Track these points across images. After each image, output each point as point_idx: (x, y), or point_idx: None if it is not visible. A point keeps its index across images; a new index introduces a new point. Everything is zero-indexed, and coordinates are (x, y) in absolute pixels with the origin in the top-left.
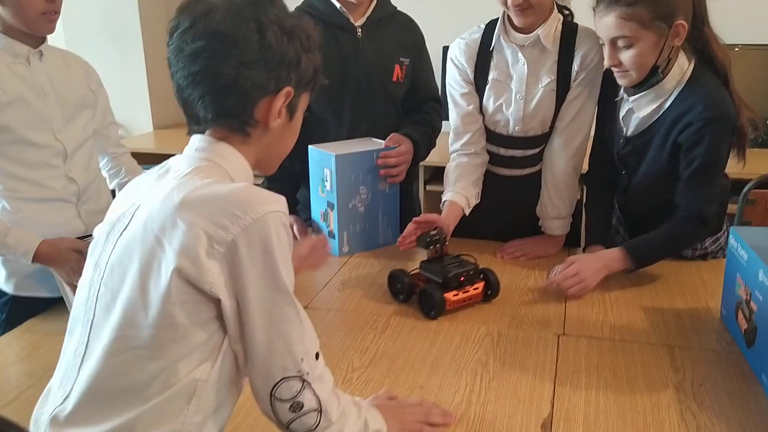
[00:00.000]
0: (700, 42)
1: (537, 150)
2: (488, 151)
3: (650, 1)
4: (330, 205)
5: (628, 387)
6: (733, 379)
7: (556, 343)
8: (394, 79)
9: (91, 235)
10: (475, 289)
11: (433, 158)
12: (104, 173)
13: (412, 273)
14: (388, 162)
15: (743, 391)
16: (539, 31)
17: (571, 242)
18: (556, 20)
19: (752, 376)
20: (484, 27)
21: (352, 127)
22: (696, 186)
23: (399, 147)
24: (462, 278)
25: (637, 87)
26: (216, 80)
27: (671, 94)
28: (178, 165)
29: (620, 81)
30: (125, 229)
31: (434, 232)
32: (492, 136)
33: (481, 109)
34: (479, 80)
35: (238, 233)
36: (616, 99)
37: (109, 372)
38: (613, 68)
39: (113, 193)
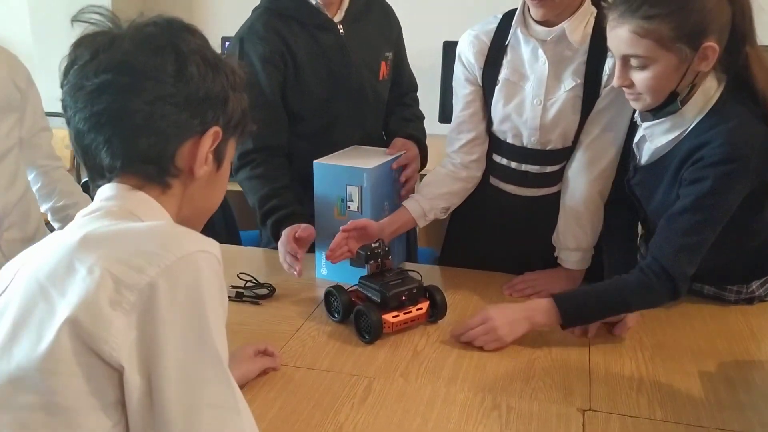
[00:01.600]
0: (737, 63)
1: (556, 167)
2: (496, 164)
3: (674, 15)
4: None
5: None
6: None
7: (581, 421)
8: (381, 77)
9: None
10: (418, 309)
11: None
12: (35, 191)
13: (350, 290)
14: (406, 172)
15: None
16: (565, 25)
17: (592, 278)
18: (587, 14)
19: None
20: (500, 17)
21: (342, 138)
22: (675, 231)
23: (407, 153)
24: (403, 297)
25: (653, 112)
26: (125, 119)
27: (691, 123)
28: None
29: (632, 104)
30: (3, 291)
31: (375, 244)
32: (501, 147)
33: (485, 115)
34: (488, 79)
35: (157, 274)
36: (633, 119)
37: None
38: (624, 89)
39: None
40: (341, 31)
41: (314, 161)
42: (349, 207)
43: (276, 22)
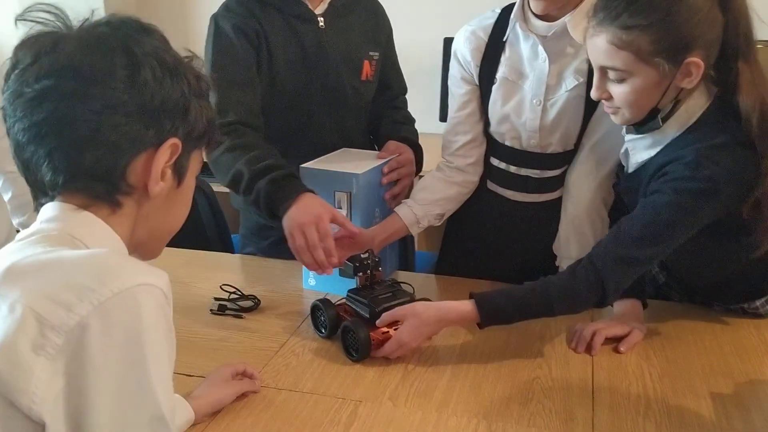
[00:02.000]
0: (727, 79)
1: (557, 171)
2: (494, 168)
3: (655, 27)
4: None
5: None
6: None
7: None
8: (363, 77)
9: None
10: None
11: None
12: (6, 202)
13: (338, 303)
14: (391, 177)
15: None
16: (567, 19)
17: None
18: (590, 7)
19: None
20: (499, 11)
21: (318, 140)
22: (621, 239)
23: (399, 156)
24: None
25: (635, 127)
26: (69, 130)
27: (670, 139)
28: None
29: (612, 118)
30: None
31: (365, 255)
32: (499, 150)
33: (482, 116)
34: (485, 78)
35: (89, 313)
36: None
37: None
38: (603, 101)
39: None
40: (321, 24)
41: (300, 165)
42: None
43: (252, 4)
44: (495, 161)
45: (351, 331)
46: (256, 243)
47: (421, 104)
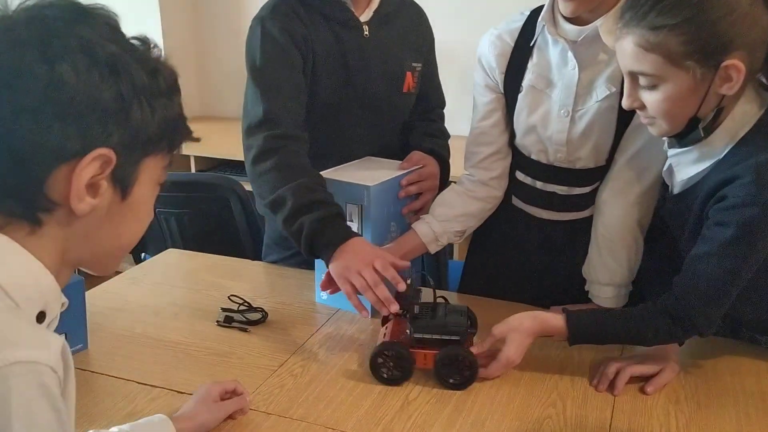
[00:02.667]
0: None
1: (587, 189)
2: (520, 183)
3: (684, 27)
4: None
5: None
6: None
7: None
8: (405, 89)
9: None
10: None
11: None
12: None
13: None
14: (410, 191)
15: None
16: (599, 23)
17: None
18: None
19: None
20: (527, 14)
21: (348, 153)
22: (698, 276)
23: (422, 168)
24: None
25: (677, 139)
26: None
27: (721, 153)
28: None
29: (650, 129)
30: None
31: (409, 282)
32: (525, 164)
33: (507, 126)
34: (510, 85)
35: None
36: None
37: None
38: (638, 111)
39: None
40: (366, 32)
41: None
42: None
43: (299, 8)
44: (520, 176)
45: (456, 357)
46: (279, 252)
47: (457, 111)
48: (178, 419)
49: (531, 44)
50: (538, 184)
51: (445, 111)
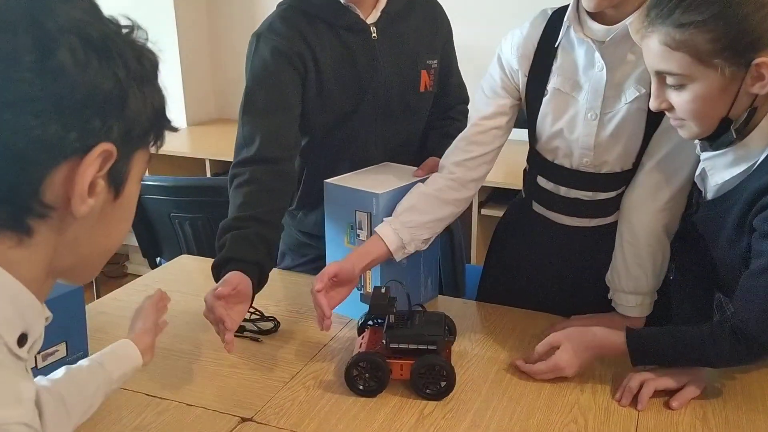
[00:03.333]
0: None
1: (613, 194)
2: (541, 189)
3: (712, 23)
4: None
5: None
6: None
7: None
8: (422, 89)
9: None
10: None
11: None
12: None
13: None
14: None
15: None
16: (628, 22)
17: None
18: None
19: None
20: (550, 14)
21: (362, 156)
22: (757, 293)
23: None
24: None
25: (708, 141)
26: None
27: (759, 157)
28: None
29: (680, 132)
30: None
31: (384, 290)
32: (548, 169)
33: (507, 133)
34: (533, 89)
35: None
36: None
37: None
38: (666, 113)
39: None
40: (374, 34)
41: (325, 180)
42: (358, 236)
43: (300, 20)
44: (542, 181)
45: (432, 365)
46: (293, 259)
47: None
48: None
49: (555, 45)
50: (562, 190)
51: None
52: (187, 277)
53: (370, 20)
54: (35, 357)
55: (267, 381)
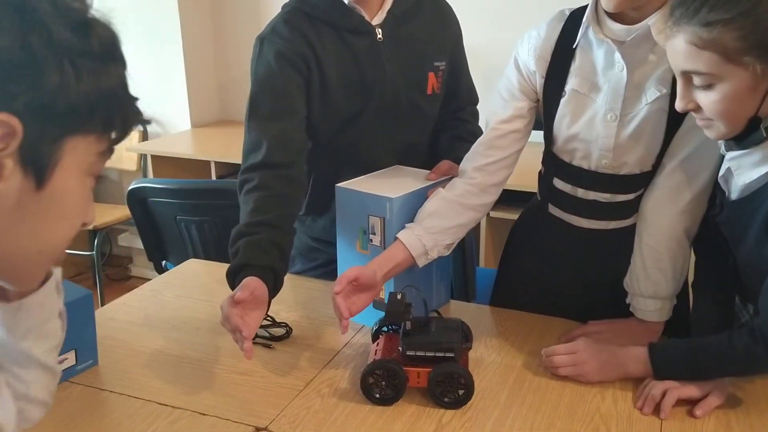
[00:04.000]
0: None
1: (632, 196)
2: (559, 191)
3: (740, 21)
4: None
5: None
6: None
7: None
8: (429, 91)
9: None
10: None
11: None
12: None
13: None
14: None
15: None
16: (650, 22)
17: (674, 332)
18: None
19: None
20: (568, 14)
21: (370, 160)
22: None
23: (451, 180)
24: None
25: (736, 141)
26: None
27: None
28: None
29: (706, 132)
30: None
31: (399, 296)
32: (565, 170)
33: (527, 135)
34: (551, 91)
35: None
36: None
37: None
38: (692, 114)
39: None
40: (379, 36)
41: (336, 185)
42: (371, 240)
43: (304, 23)
44: (559, 183)
45: (451, 374)
46: (303, 263)
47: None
48: None
49: (573, 46)
50: (580, 192)
51: None
52: (195, 281)
53: (375, 21)
54: None
55: (280, 389)
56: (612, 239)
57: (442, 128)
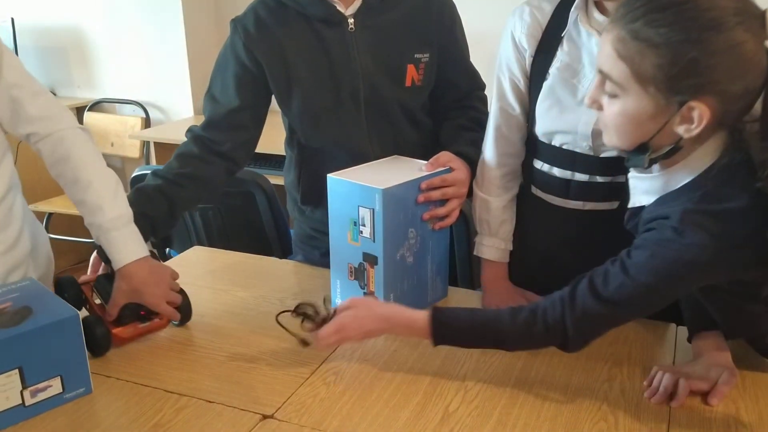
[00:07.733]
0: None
1: (608, 178)
2: (537, 171)
3: (664, 49)
4: (370, 259)
5: None
6: None
7: None
8: (408, 83)
9: None
10: (161, 318)
11: None
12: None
13: (83, 283)
14: (431, 197)
15: None
16: None
17: (672, 316)
18: None
19: None
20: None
21: (358, 153)
22: (591, 292)
23: (449, 174)
24: (143, 311)
25: (624, 158)
26: None
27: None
28: None
29: (603, 135)
30: None
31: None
32: (544, 151)
33: (526, 123)
34: (536, 70)
35: None
36: None
37: None
38: (596, 112)
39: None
40: (351, 26)
41: (328, 174)
42: (361, 232)
43: (276, 14)
44: (538, 164)
45: (87, 326)
46: (306, 251)
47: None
48: None
49: (562, 34)
50: (555, 171)
51: None
52: (200, 269)
53: (349, 11)
54: (21, 393)
55: (286, 377)
56: (592, 220)
57: (445, 117)
